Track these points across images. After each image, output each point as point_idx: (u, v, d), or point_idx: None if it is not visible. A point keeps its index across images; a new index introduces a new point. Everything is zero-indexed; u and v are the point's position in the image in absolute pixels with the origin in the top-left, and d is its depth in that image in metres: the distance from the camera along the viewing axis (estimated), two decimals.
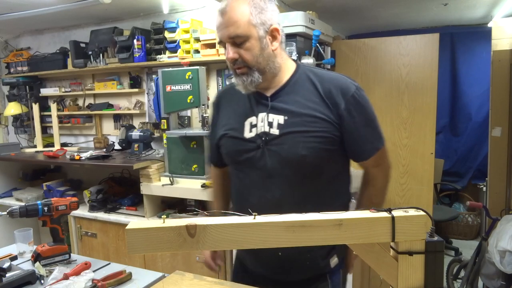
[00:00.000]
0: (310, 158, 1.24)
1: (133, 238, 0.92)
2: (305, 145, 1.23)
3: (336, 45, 2.79)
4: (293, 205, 1.18)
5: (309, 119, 1.24)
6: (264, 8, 1.23)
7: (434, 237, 0.95)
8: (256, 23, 1.20)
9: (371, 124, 1.30)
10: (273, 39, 1.25)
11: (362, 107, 1.28)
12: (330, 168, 1.31)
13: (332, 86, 1.26)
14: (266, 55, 1.24)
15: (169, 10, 3.16)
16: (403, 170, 2.73)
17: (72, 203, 1.72)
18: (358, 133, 1.27)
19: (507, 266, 2.28)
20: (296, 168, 1.25)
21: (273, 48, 1.25)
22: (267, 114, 1.27)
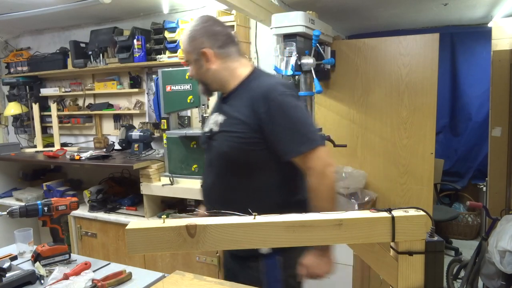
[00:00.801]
0: (231, 155, 1.46)
1: (133, 238, 0.92)
2: (228, 144, 1.46)
3: (336, 45, 2.79)
4: (221, 194, 1.51)
5: (235, 121, 1.45)
6: (195, 36, 1.49)
7: (434, 237, 0.95)
8: (189, 51, 1.51)
9: (292, 127, 1.40)
10: (206, 59, 1.50)
11: (282, 112, 1.39)
12: (255, 166, 1.47)
13: (258, 92, 1.43)
14: (203, 73, 1.52)
15: (169, 10, 3.16)
16: (403, 170, 2.73)
17: (72, 203, 1.72)
18: (278, 135, 1.40)
19: (507, 266, 2.28)
20: (222, 162, 1.50)
21: (208, 67, 1.50)
22: (218, 113, 1.54)
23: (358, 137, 2.83)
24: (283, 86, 1.44)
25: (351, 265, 2.16)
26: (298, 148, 1.39)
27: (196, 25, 1.51)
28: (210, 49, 1.48)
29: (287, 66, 2.20)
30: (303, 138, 1.40)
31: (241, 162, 1.46)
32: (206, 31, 1.49)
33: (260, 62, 2.97)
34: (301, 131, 1.40)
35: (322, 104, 2.90)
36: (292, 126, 1.39)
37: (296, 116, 1.41)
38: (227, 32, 1.53)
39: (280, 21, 2.20)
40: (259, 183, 1.48)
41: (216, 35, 1.49)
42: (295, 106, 1.42)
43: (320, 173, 1.41)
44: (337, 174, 2.63)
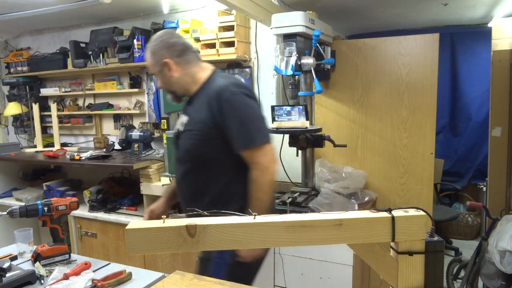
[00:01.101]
0: (194, 152, 1.64)
1: (133, 238, 0.92)
2: (190, 141, 1.64)
3: (336, 45, 2.79)
4: (188, 187, 1.69)
5: (195, 120, 1.63)
6: (155, 50, 1.66)
7: (434, 237, 0.95)
8: (153, 64, 1.68)
9: (242, 124, 1.54)
10: (168, 68, 1.66)
11: (233, 110, 1.54)
12: (215, 161, 1.63)
13: (213, 92, 1.59)
14: (168, 81, 1.69)
15: (169, 10, 3.16)
16: (403, 170, 2.73)
17: (72, 203, 1.72)
18: (229, 131, 1.55)
19: (507, 266, 2.28)
20: (187, 158, 1.67)
21: (171, 75, 1.67)
22: (183, 115, 1.72)
23: (358, 137, 2.83)
24: (235, 86, 1.59)
25: (351, 265, 2.16)
26: (246, 144, 1.54)
27: (155, 41, 1.68)
28: (170, 59, 1.65)
29: (287, 66, 2.20)
30: (251, 135, 1.55)
31: (202, 157, 1.63)
32: (164, 44, 1.66)
33: (260, 62, 2.97)
34: (249, 128, 1.55)
35: (322, 104, 2.90)
36: (241, 123, 1.54)
37: (245, 114, 1.55)
38: (183, 42, 1.70)
39: (280, 21, 2.20)
40: (220, 175, 1.64)
41: (173, 46, 1.66)
42: (245, 104, 1.56)
43: (264, 168, 1.55)
44: (337, 174, 2.64)
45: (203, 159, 1.63)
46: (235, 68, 3.04)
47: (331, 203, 2.34)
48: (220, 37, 2.82)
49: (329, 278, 2.23)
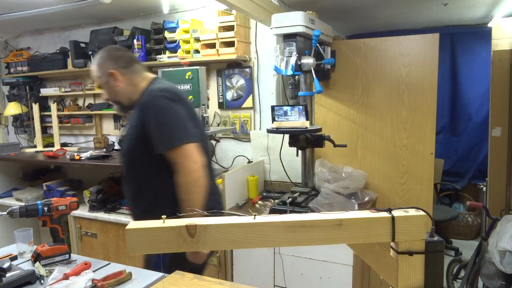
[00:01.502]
0: (128, 156, 1.74)
1: (133, 238, 0.92)
2: (127, 146, 1.74)
3: (336, 45, 2.79)
4: (129, 188, 1.76)
5: (130, 126, 1.73)
6: (101, 62, 1.73)
7: (434, 237, 0.95)
8: (98, 75, 1.74)
9: (161, 127, 1.59)
10: (114, 78, 1.72)
11: (153, 113, 1.60)
12: (149, 163, 1.67)
13: (144, 98, 1.68)
14: (114, 91, 1.75)
15: (169, 10, 3.16)
16: (403, 170, 2.73)
17: (72, 203, 1.71)
18: (152, 134, 1.60)
19: (507, 266, 2.28)
20: (126, 161, 1.76)
21: (116, 85, 1.73)
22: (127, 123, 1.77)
23: (358, 137, 2.83)
24: (159, 90, 1.64)
25: (351, 265, 2.16)
26: (165, 145, 1.58)
27: (101, 53, 1.76)
28: (116, 70, 1.71)
29: (287, 66, 2.20)
30: (169, 136, 1.58)
31: (136, 161, 1.71)
32: (110, 55, 1.74)
33: (260, 62, 2.97)
34: (168, 130, 1.59)
35: (322, 104, 2.90)
36: (161, 126, 1.59)
37: (164, 116, 1.60)
38: (129, 55, 1.79)
39: (280, 21, 2.20)
40: (153, 178, 1.69)
41: (119, 58, 1.74)
42: (165, 107, 1.60)
43: (185, 169, 1.57)
44: (337, 174, 2.64)
45: (137, 163, 1.72)
46: (235, 68, 3.04)
47: (331, 203, 2.34)
48: (220, 37, 2.82)
49: (329, 278, 2.23)
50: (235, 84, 3.07)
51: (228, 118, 3.14)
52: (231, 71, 3.06)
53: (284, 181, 2.85)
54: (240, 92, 3.06)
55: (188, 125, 1.63)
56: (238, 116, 3.09)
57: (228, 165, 3.12)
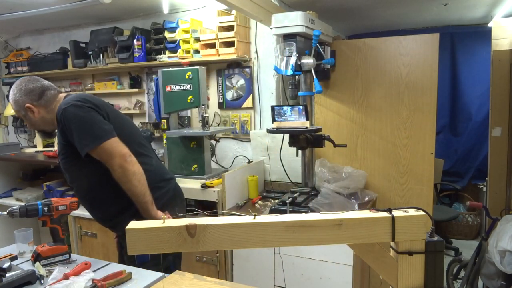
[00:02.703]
0: (69, 172, 1.82)
1: (133, 238, 0.92)
2: (63, 164, 1.83)
3: (336, 45, 2.79)
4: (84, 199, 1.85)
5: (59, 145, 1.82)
6: (16, 98, 1.82)
7: (434, 237, 0.95)
8: (17, 110, 1.84)
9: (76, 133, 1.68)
10: (31, 112, 1.81)
11: (67, 124, 1.68)
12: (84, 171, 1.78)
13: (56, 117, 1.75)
14: (35, 123, 1.85)
15: (169, 10, 3.16)
16: (403, 170, 2.73)
17: (72, 203, 1.72)
18: (74, 142, 1.69)
19: (507, 266, 2.28)
20: (68, 176, 1.84)
21: (35, 117, 1.82)
22: None
23: (358, 137, 2.83)
24: (64, 103, 1.72)
25: (351, 265, 2.16)
26: (84, 147, 1.67)
27: (14, 90, 1.83)
28: (30, 103, 1.80)
29: (287, 66, 2.20)
30: (83, 140, 1.67)
31: (77, 173, 1.80)
32: (23, 91, 1.81)
33: (260, 62, 2.97)
34: (81, 135, 1.68)
35: (322, 104, 2.90)
36: (75, 132, 1.68)
37: (75, 124, 1.68)
38: (41, 85, 1.83)
39: (280, 21, 2.20)
40: (100, 181, 1.76)
41: (31, 91, 1.80)
42: (73, 115, 1.68)
43: (112, 165, 1.67)
44: (337, 174, 2.64)
45: (79, 175, 1.80)
46: (235, 68, 3.04)
47: (331, 203, 2.33)
48: (220, 37, 2.82)
49: (329, 278, 2.23)
50: (235, 84, 3.07)
51: (228, 118, 3.14)
52: (231, 71, 3.06)
53: (284, 181, 2.85)
54: (240, 92, 3.06)
55: (99, 124, 1.70)
56: (238, 116, 3.09)
57: (228, 165, 3.12)
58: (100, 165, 1.70)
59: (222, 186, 2.52)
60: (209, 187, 2.55)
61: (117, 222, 1.79)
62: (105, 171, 1.70)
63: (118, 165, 1.67)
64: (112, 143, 1.68)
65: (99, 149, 1.66)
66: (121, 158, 1.67)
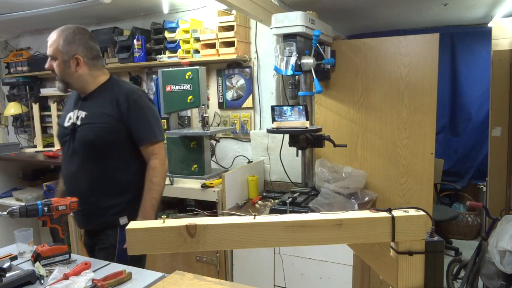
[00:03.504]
0: (96, 142, 1.77)
1: (133, 238, 0.92)
2: (93, 133, 1.77)
3: (336, 45, 2.79)
4: (87, 176, 1.81)
5: (99, 114, 1.79)
6: (72, 42, 1.74)
7: (434, 237, 0.95)
8: (62, 51, 1.74)
9: (147, 122, 1.81)
10: (77, 64, 1.77)
11: (141, 109, 1.80)
12: (116, 151, 1.81)
13: (122, 93, 1.80)
14: (69, 73, 1.78)
15: (169, 10, 3.16)
16: (403, 170, 2.73)
17: (72, 203, 1.71)
18: (136, 126, 1.79)
19: (507, 266, 2.28)
20: (88, 149, 1.78)
21: (75, 70, 1.77)
22: (78, 110, 1.83)
23: (358, 137, 2.83)
24: (140, 91, 1.87)
25: (351, 265, 2.16)
26: (150, 138, 1.81)
27: (75, 32, 1.77)
28: (83, 57, 1.77)
29: (287, 66, 2.20)
30: (154, 130, 1.83)
31: (104, 147, 1.78)
32: (84, 42, 1.78)
33: (260, 62, 2.97)
34: (152, 126, 1.82)
35: (322, 104, 2.90)
36: (147, 121, 1.81)
37: (150, 114, 1.83)
38: (98, 49, 1.86)
39: (280, 21, 2.20)
40: (118, 165, 1.83)
41: (91, 48, 1.81)
42: (150, 107, 1.85)
43: (163, 158, 1.85)
44: (337, 174, 2.64)
45: (104, 150, 1.79)
46: (235, 68, 3.04)
47: (331, 203, 2.34)
48: (220, 37, 2.82)
49: (329, 278, 2.23)
50: (235, 84, 3.07)
51: (228, 118, 3.14)
52: (231, 71, 3.06)
53: (284, 181, 2.85)
54: (240, 92, 3.06)
55: (161, 124, 1.93)
56: (238, 116, 3.09)
57: (228, 165, 3.12)
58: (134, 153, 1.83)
59: (222, 186, 2.52)
60: (209, 187, 2.55)
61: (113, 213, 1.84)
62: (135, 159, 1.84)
63: (162, 163, 1.84)
64: (164, 143, 1.91)
65: (160, 143, 1.85)
66: (166, 159, 1.89)
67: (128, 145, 1.82)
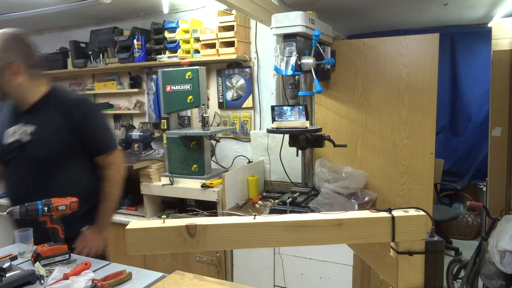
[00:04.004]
0: (52, 158, 1.70)
1: (133, 238, 0.92)
2: (47, 148, 1.69)
3: (336, 45, 2.79)
4: (45, 193, 1.65)
5: (47, 128, 1.69)
6: (8, 48, 1.60)
7: (434, 237, 0.95)
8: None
9: (103, 131, 1.80)
10: (15, 72, 1.61)
11: (93, 119, 1.76)
12: (72, 164, 1.76)
13: (72, 104, 1.72)
14: (5, 82, 1.62)
15: (169, 10, 3.16)
16: (403, 170, 2.73)
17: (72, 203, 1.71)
18: (90, 137, 1.75)
19: (507, 266, 2.28)
20: (44, 165, 1.71)
21: (13, 79, 1.62)
22: (22, 124, 1.71)
23: (358, 137, 2.83)
24: (89, 100, 1.90)
25: (351, 265, 2.16)
26: (107, 148, 1.80)
27: (12, 37, 1.62)
28: (21, 65, 1.62)
29: (287, 66, 2.20)
30: (110, 140, 1.83)
31: (60, 161, 1.72)
32: (23, 49, 1.64)
33: (260, 62, 2.97)
34: (107, 135, 1.83)
35: (322, 104, 2.90)
36: (101, 131, 1.80)
37: (103, 123, 1.82)
38: (38, 56, 1.76)
39: (280, 21, 2.20)
40: (75, 176, 1.79)
41: (30, 55, 1.67)
42: (101, 115, 1.85)
43: (119, 167, 1.83)
44: (337, 174, 2.64)
45: (61, 164, 1.73)
46: (235, 68, 3.04)
47: (331, 203, 2.34)
48: (220, 37, 2.82)
49: (329, 278, 2.23)
50: (235, 84, 3.07)
51: (228, 118, 3.14)
52: (231, 71, 3.06)
53: (284, 181, 2.85)
54: (240, 92, 3.06)
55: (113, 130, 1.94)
56: (238, 116, 3.09)
57: (228, 165, 3.12)
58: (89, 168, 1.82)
59: (222, 186, 2.52)
60: (209, 187, 2.55)
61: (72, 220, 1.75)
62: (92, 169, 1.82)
63: (118, 171, 1.83)
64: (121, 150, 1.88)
65: (116, 151, 1.83)
66: (122, 166, 1.86)
67: (84, 155, 1.79)
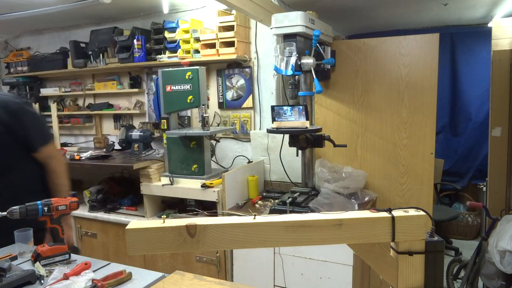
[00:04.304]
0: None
1: (133, 238, 0.92)
2: None
3: (336, 45, 2.79)
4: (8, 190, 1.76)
5: None
6: None
7: (434, 237, 0.95)
8: None
9: (34, 128, 1.82)
10: None
11: (23, 117, 1.77)
12: (17, 164, 1.80)
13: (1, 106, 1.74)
14: None
15: (169, 10, 3.16)
16: (403, 170, 2.73)
17: (72, 203, 1.71)
18: (27, 132, 1.79)
19: (507, 266, 2.28)
20: None
21: None
22: None
23: (358, 137, 2.83)
24: (15, 97, 1.87)
25: (351, 265, 2.16)
26: (43, 142, 1.84)
27: None
28: None
29: (287, 66, 2.20)
30: (44, 134, 1.87)
31: (5, 164, 1.77)
32: None
33: (260, 62, 2.97)
34: (41, 130, 1.87)
35: (322, 104, 2.90)
36: (34, 127, 1.82)
37: (34, 118, 1.84)
38: None
39: (280, 21, 2.20)
40: (24, 175, 1.83)
41: None
42: (31, 111, 1.85)
43: (59, 158, 1.91)
44: (337, 174, 2.63)
45: (5, 166, 1.77)
46: (235, 68, 3.04)
47: (331, 203, 2.34)
48: (220, 37, 2.82)
49: (329, 278, 2.23)
50: (235, 84, 3.07)
51: (228, 118, 3.14)
52: (231, 71, 3.06)
53: (284, 181, 2.85)
54: (240, 92, 3.06)
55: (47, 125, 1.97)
56: (238, 116, 3.09)
57: (228, 165, 3.12)
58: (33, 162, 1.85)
59: (222, 186, 2.52)
60: (209, 187, 2.55)
61: None
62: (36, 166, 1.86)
63: (60, 163, 1.90)
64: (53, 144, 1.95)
65: (52, 144, 1.90)
66: (61, 157, 1.95)
67: (26, 153, 1.83)
